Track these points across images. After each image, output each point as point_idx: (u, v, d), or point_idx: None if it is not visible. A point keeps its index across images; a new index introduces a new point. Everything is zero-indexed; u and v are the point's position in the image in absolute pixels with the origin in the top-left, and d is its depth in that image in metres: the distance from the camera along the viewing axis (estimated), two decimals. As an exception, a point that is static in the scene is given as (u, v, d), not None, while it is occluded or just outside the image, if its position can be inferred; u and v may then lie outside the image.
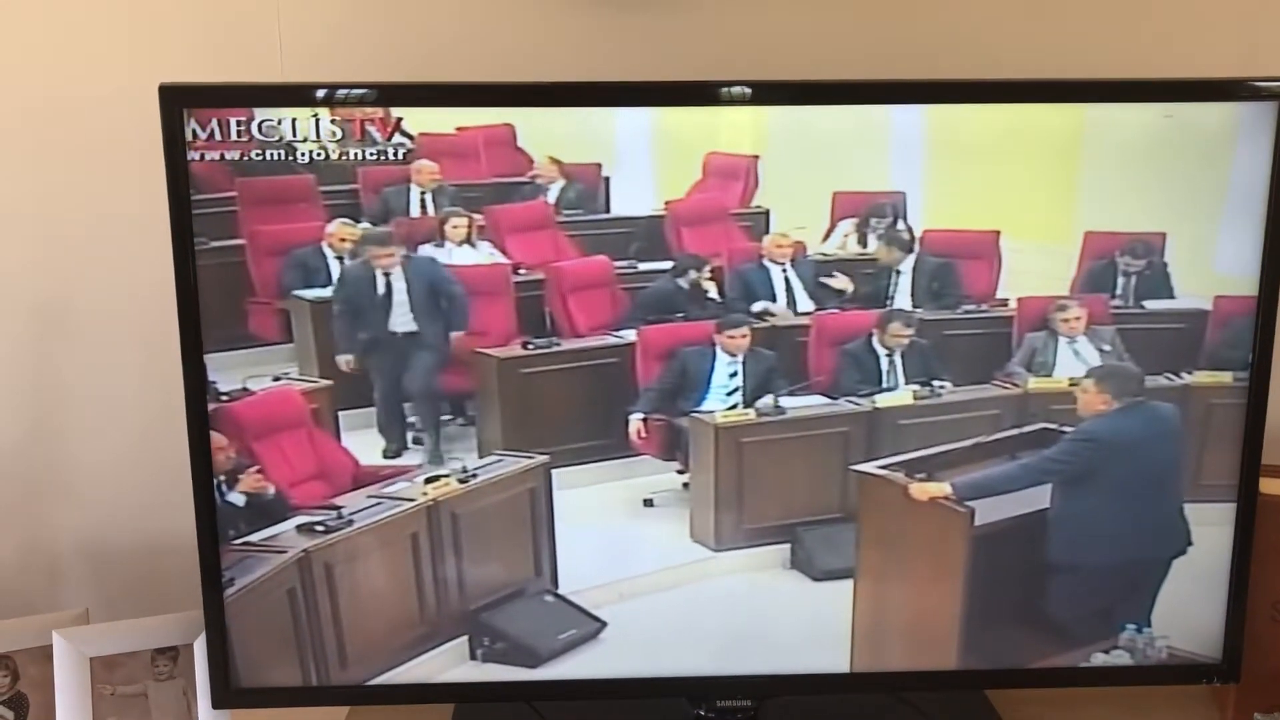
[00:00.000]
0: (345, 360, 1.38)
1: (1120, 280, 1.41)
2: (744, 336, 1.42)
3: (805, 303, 1.42)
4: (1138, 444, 1.44)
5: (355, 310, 1.38)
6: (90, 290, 1.66)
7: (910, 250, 1.39)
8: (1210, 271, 1.42)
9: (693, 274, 1.40)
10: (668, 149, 1.36)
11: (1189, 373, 1.43)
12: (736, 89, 1.33)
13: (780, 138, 1.35)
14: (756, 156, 1.36)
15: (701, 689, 1.52)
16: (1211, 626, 1.50)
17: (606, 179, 1.37)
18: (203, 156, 1.30)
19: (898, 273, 1.40)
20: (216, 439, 1.37)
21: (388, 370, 1.39)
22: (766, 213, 1.39)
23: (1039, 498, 1.44)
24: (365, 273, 1.37)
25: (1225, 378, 1.43)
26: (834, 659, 1.48)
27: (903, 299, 1.42)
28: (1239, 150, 1.37)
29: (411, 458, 1.41)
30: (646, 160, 1.37)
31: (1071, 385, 1.42)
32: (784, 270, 1.42)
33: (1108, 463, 1.44)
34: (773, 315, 1.41)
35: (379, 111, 1.30)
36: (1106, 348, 1.43)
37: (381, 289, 1.38)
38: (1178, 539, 1.47)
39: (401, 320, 1.38)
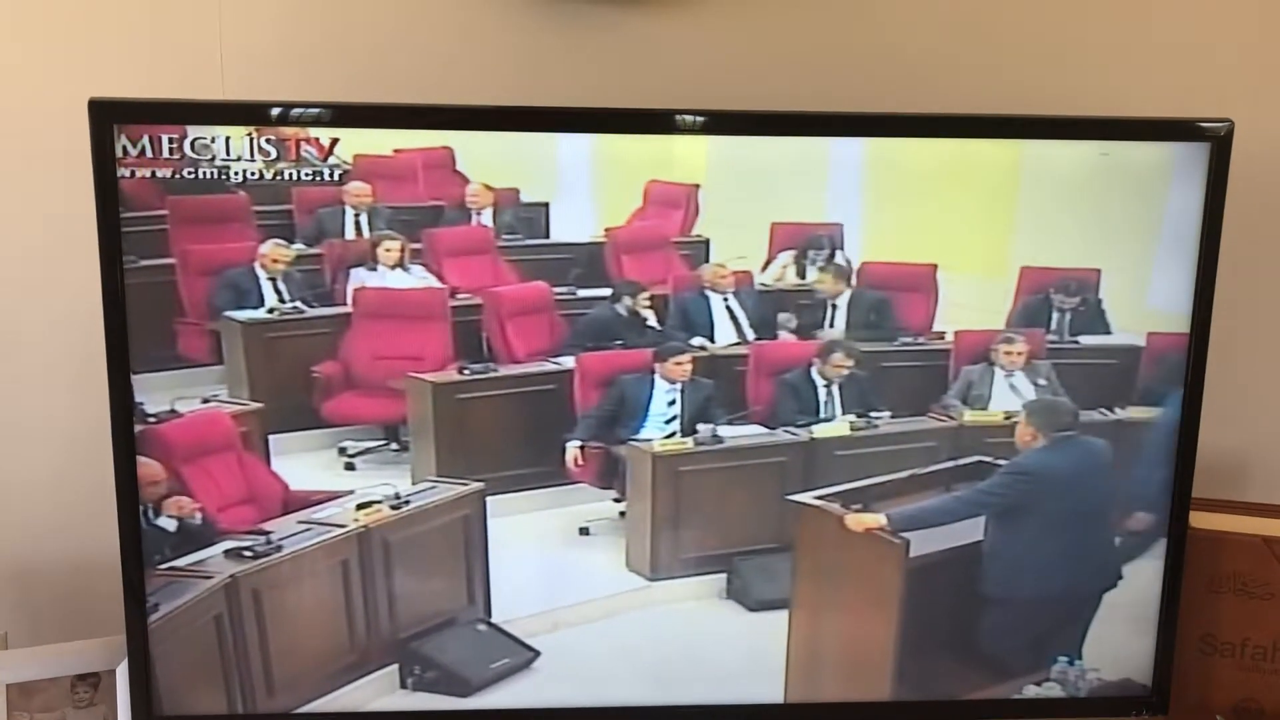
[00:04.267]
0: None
1: (1055, 316, 1.42)
2: (687, 363, 1.41)
3: (749, 332, 1.42)
4: (1071, 478, 1.45)
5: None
6: (19, 306, 1.62)
7: (850, 283, 1.39)
8: (1144, 308, 1.43)
9: (628, 300, 1.39)
10: (609, 175, 1.36)
11: (1122, 408, 1.44)
12: (686, 117, 1.33)
13: (720, 167, 1.35)
14: (697, 185, 1.36)
15: (636, 719, 1.51)
16: (1141, 659, 1.51)
17: (546, 204, 1.36)
18: (133, 173, 1.28)
19: (834, 305, 1.40)
20: (151, 467, 1.34)
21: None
22: (706, 242, 1.39)
23: (973, 530, 1.45)
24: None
25: (1158, 413, 1.45)
26: (768, 690, 1.47)
27: (836, 333, 1.42)
28: (1173, 189, 1.39)
29: (343, 483, 1.39)
30: (587, 186, 1.36)
31: (1007, 419, 1.43)
32: (725, 300, 1.41)
33: (1041, 496, 1.45)
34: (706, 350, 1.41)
35: (314, 132, 1.29)
36: (1042, 382, 1.44)
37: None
38: (1109, 573, 1.48)
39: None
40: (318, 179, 1.30)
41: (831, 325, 1.41)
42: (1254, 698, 1.55)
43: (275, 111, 1.29)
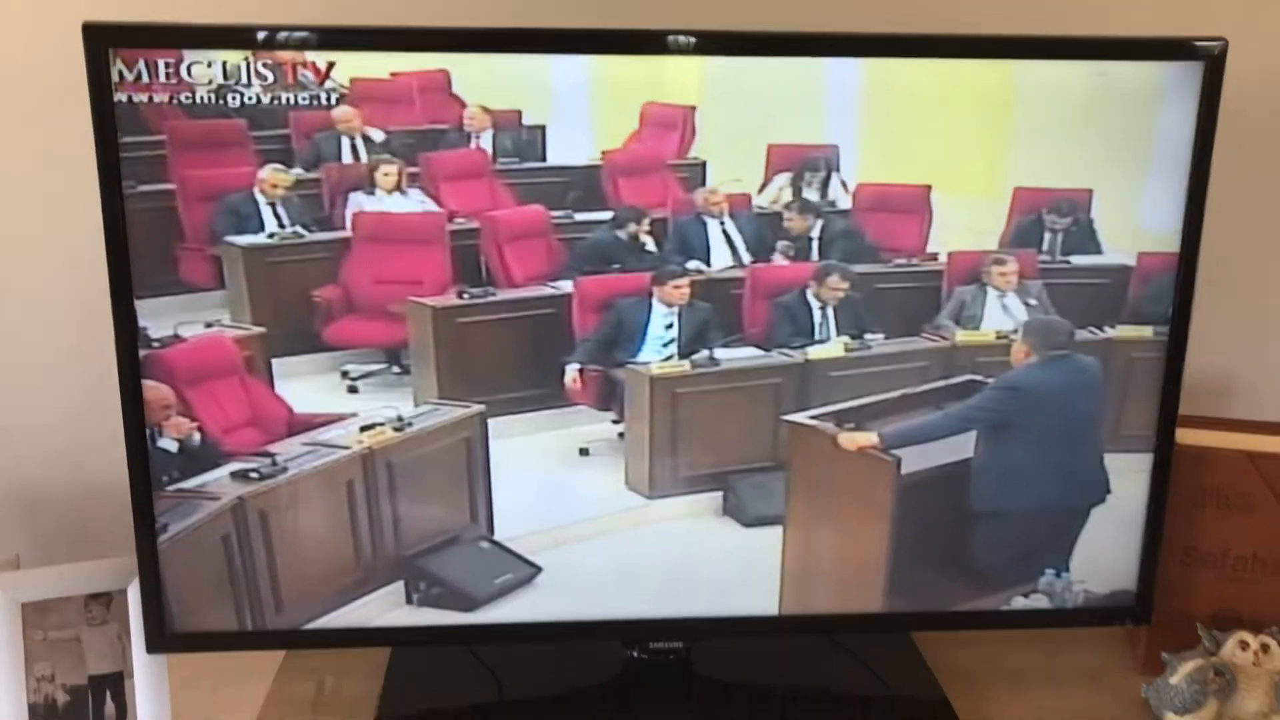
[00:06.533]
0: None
1: (1047, 236, 1.44)
2: (685, 287, 1.43)
3: (745, 256, 1.43)
4: (1060, 395, 1.48)
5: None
6: (19, 233, 1.62)
7: (819, 215, 1.41)
8: (1135, 228, 1.45)
9: (632, 226, 1.40)
10: (606, 97, 1.35)
11: (1112, 327, 1.47)
12: (680, 38, 1.33)
13: (716, 88, 1.35)
14: (693, 107, 1.36)
15: (635, 631, 1.56)
16: (1126, 571, 1.55)
17: (542, 127, 1.36)
18: (130, 99, 1.28)
19: (810, 239, 1.42)
20: (158, 390, 1.36)
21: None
22: (703, 164, 1.39)
23: (964, 447, 1.48)
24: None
25: (1146, 332, 1.47)
26: (764, 602, 1.51)
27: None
28: (1165, 109, 1.40)
29: (346, 406, 1.41)
30: (584, 109, 1.36)
31: (999, 339, 1.45)
32: (721, 223, 1.42)
33: (1030, 412, 1.47)
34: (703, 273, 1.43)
35: (310, 55, 1.28)
36: (1033, 302, 1.46)
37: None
38: (1097, 488, 1.52)
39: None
40: (315, 103, 1.30)
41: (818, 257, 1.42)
42: (1232, 606, 1.60)
43: (271, 35, 1.28)
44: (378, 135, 1.33)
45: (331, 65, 1.29)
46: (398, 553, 1.46)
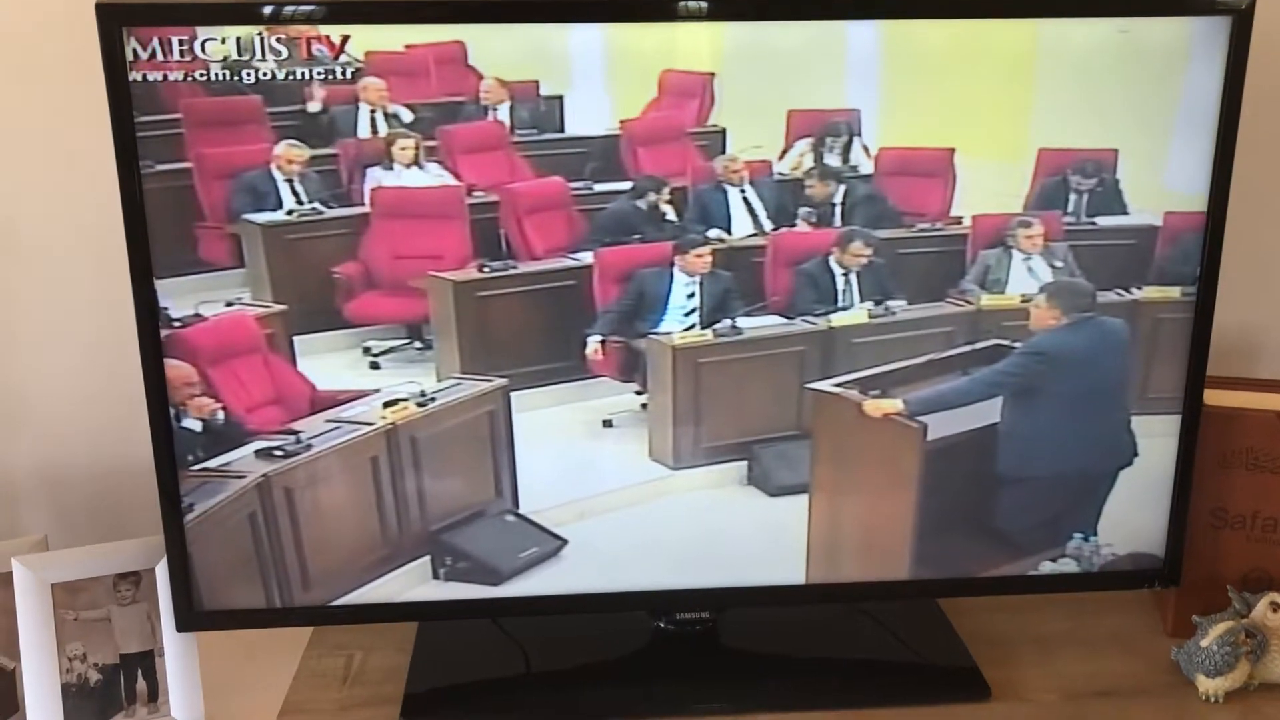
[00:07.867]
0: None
1: (1072, 198, 1.42)
2: (707, 256, 1.42)
3: (766, 223, 1.42)
4: (1087, 358, 1.46)
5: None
6: (38, 214, 1.62)
7: (841, 181, 1.39)
8: (1161, 188, 1.43)
9: (652, 196, 1.39)
10: (623, 66, 1.34)
11: (1138, 288, 1.45)
12: (694, 4, 1.31)
13: (735, 54, 1.34)
14: (712, 74, 1.34)
15: (661, 602, 1.56)
16: (1154, 534, 1.54)
17: (560, 98, 1.35)
18: (145, 77, 1.27)
19: (833, 205, 1.41)
20: (180, 370, 1.36)
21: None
22: (723, 132, 1.38)
23: (990, 412, 1.47)
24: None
25: (1173, 292, 1.45)
26: (790, 571, 1.51)
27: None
28: (1191, 66, 1.38)
29: (369, 382, 1.41)
30: (601, 78, 1.35)
31: (1024, 302, 1.44)
32: (742, 192, 1.41)
33: (1057, 376, 1.46)
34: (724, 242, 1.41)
35: (324, 29, 1.27)
36: (1059, 264, 1.44)
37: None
38: (1125, 451, 1.50)
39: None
40: (330, 78, 1.29)
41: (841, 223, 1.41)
42: (1262, 567, 1.59)
43: (281, 9, 1.27)
44: (406, 115, 1.32)
45: (346, 39, 1.28)
46: (423, 528, 1.46)
